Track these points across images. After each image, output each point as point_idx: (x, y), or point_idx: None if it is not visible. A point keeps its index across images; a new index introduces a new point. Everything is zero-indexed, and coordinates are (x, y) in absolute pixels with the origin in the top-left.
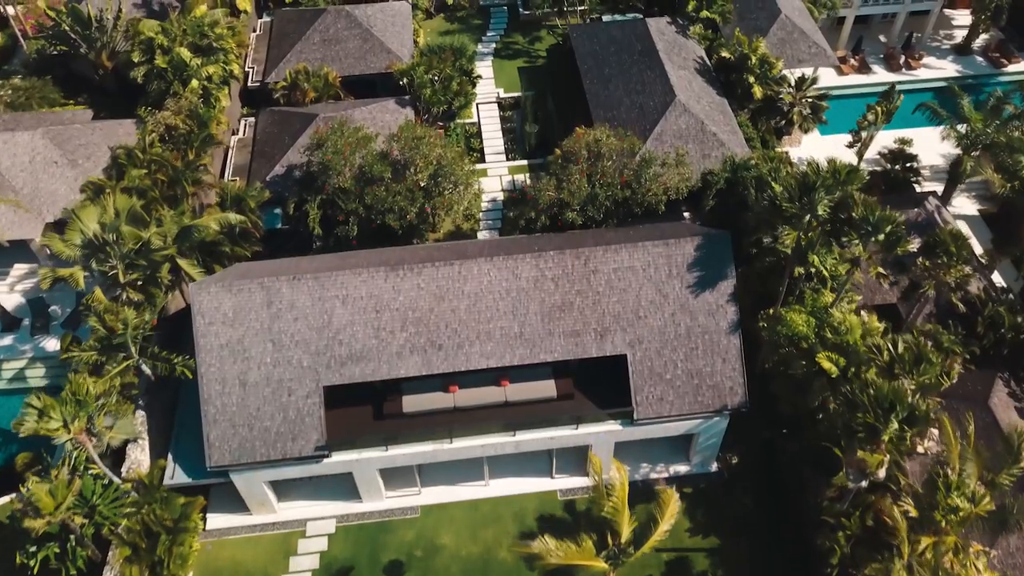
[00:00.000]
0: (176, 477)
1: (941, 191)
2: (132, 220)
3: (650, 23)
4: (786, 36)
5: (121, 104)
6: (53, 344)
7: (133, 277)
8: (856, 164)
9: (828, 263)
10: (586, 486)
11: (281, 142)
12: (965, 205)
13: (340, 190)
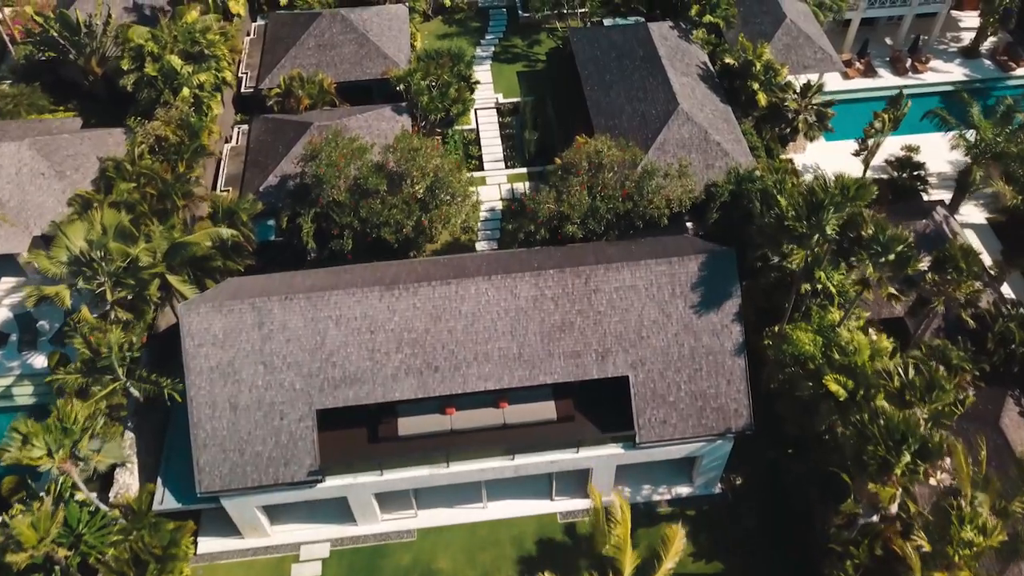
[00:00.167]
0: (166, 502)
1: (948, 198)
2: (120, 236)
3: (652, 28)
4: (791, 41)
5: (111, 111)
6: (41, 360)
7: (121, 295)
8: (863, 173)
9: (835, 279)
10: (587, 508)
11: (275, 151)
12: (973, 213)
13: (334, 203)
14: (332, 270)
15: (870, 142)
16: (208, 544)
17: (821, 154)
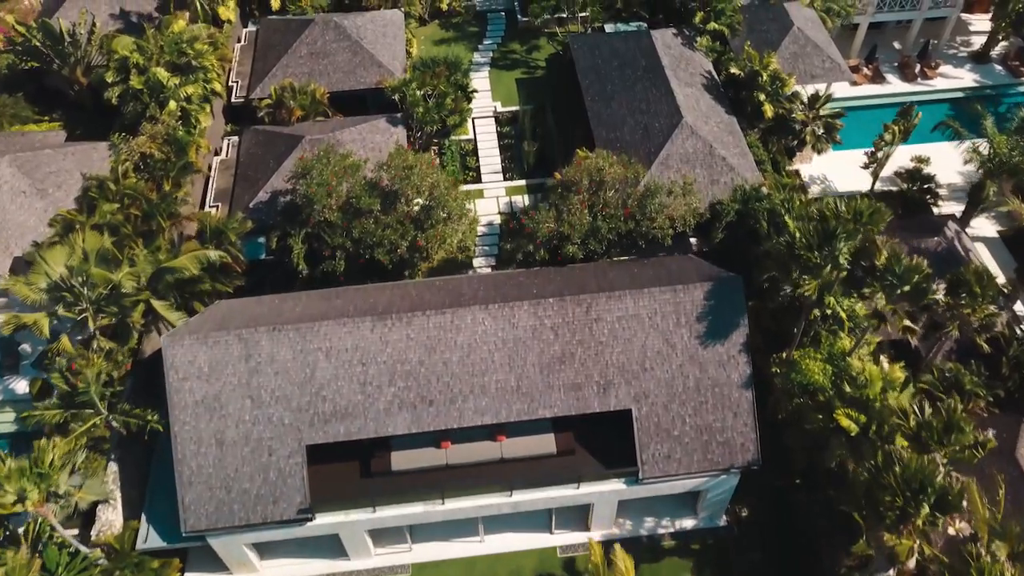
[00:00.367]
0: (150, 541)
1: (958, 209)
2: (102, 261)
3: (655, 35)
4: (799, 50)
5: (98, 121)
6: (23, 386)
7: (104, 322)
8: (871, 186)
9: (845, 304)
10: (587, 542)
11: (265, 165)
12: (984, 226)
13: (325, 223)
14: (324, 293)
15: (879, 154)
16: None
17: (828, 164)
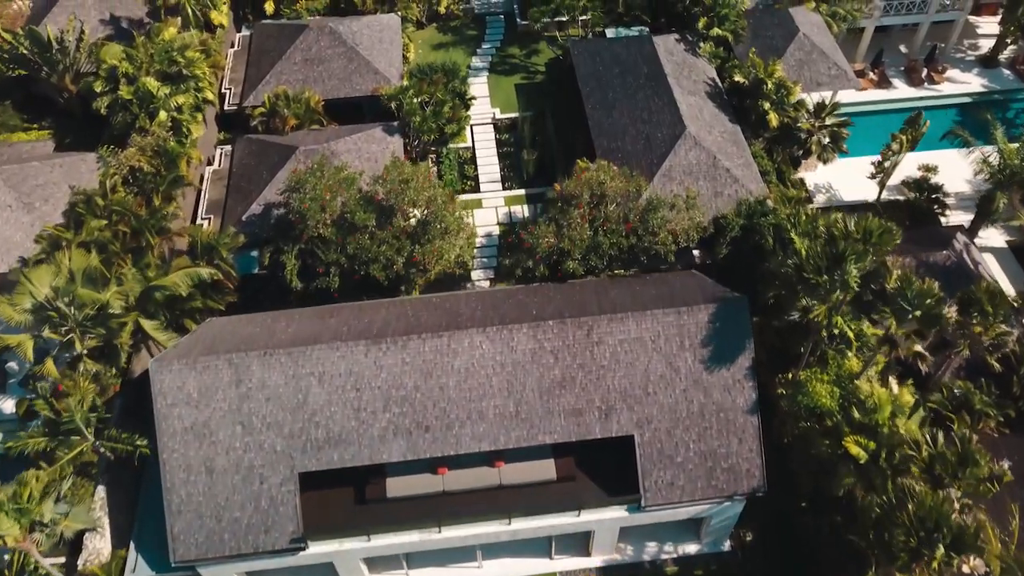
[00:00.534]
0: (138, 570)
1: (966, 219)
2: (89, 281)
3: (657, 42)
4: (804, 57)
5: (87, 129)
6: (9, 406)
7: (91, 343)
8: (878, 195)
9: (853, 324)
10: (587, 567)
11: (258, 176)
12: (992, 237)
13: (319, 239)
14: (317, 310)
15: (886, 164)
16: None
17: (834, 172)
